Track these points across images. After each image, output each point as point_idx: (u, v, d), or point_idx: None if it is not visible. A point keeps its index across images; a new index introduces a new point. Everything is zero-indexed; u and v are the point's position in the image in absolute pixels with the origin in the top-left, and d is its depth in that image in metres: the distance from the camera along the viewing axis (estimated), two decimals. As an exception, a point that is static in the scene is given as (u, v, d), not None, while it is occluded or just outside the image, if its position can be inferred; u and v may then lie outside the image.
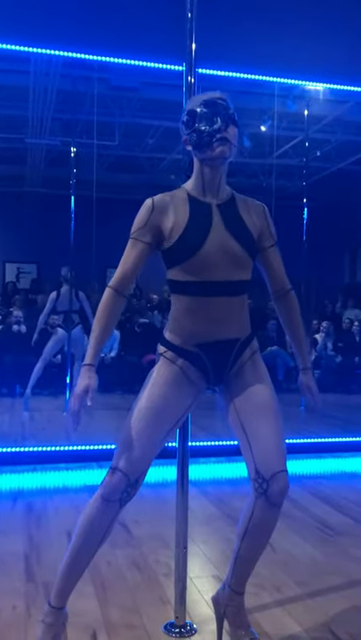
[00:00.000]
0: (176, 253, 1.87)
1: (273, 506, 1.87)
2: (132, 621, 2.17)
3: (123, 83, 6.30)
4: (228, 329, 1.91)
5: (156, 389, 1.88)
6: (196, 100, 1.92)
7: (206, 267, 1.85)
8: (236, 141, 1.90)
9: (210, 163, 1.89)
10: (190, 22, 2.18)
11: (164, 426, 1.88)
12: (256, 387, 1.94)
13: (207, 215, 1.89)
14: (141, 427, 1.84)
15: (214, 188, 1.92)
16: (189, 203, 1.91)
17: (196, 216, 1.88)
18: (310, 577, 2.56)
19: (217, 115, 1.86)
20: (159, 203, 1.90)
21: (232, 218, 1.92)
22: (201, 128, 1.86)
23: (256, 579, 2.52)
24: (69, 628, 2.11)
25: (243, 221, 1.93)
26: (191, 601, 2.29)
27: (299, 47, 4.53)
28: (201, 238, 1.85)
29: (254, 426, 1.89)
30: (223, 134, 1.85)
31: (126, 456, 1.82)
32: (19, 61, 5.12)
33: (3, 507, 3.41)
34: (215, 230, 1.87)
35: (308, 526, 3.16)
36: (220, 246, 1.86)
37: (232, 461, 4.51)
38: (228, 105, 1.90)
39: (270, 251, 2.02)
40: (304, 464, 4.55)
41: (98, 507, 1.83)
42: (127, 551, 2.78)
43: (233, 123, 1.89)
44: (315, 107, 6.39)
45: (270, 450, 1.86)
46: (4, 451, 4.33)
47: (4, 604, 2.28)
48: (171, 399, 1.88)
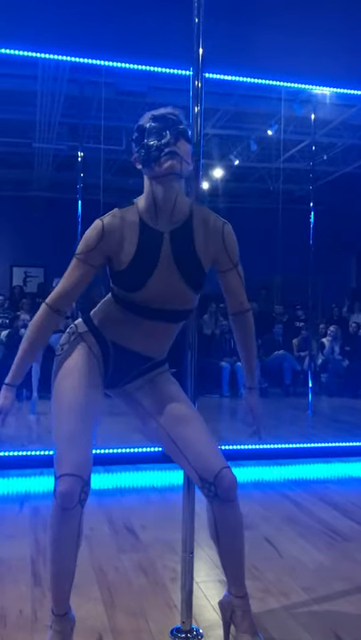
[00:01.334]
0: (120, 282, 1.82)
1: (228, 502, 1.86)
2: (139, 626, 2.17)
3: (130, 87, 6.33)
4: (148, 347, 1.90)
5: (79, 380, 1.83)
6: (145, 116, 1.84)
7: (147, 298, 1.81)
8: (188, 158, 1.79)
9: (160, 180, 1.77)
10: (197, 27, 2.18)
11: (93, 417, 1.85)
12: (170, 399, 1.92)
13: (156, 247, 1.80)
14: (76, 424, 1.78)
15: (167, 212, 1.81)
16: (140, 229, 1.80)
17: (145, 248, 1.79)
18: (317, 582, 2.55)
19: (166, 129, 1.77)
20: (109, 227, 1.80)
21: (183, 248, 1.82)
22: (149, 143, 1.76)
23: (262, 584, 2.51)
24: (76, 632, 2.10)
25: (194, 251, 1.83)
26: (197, 606, 2.28)
27: (305, 51, 4.53)
28: (146, 275, 1.79)
29: (182, 435, 1.87)
30: (172, 148, 1.75)
31: (73, 457, 1.75)
32: (26, 66, 5.15)
33: (9, 510, 3.41)
34: (162, 264, 1.80)
35: (315, 531, 3.14)
36: (164, 282, 1.80)
37: (238, 465, 4.49)
38: (179, 119, 1.81)
39: (229, 274, 1.93)
40: (311, 469, 4.53)
41: (61, 518, 1.77)
42: (134, 556, 2.78)
43: (184, 138, 1.79)
44: (321, 110, 6.39)
45: (205, 453, 1.85)
46: (11, 454, 4.34)
47: (11, 608, 2.28)
48: (93, 390, 1.85)
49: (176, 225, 1.83)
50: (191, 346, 2.18)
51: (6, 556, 2.75)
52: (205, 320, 8.83)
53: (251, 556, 2.79)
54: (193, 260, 1.83)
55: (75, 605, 2.27)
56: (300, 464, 4.60)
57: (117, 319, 1.87)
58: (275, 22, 4.44)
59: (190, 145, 1.82)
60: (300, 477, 4.33)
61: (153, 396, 1.94)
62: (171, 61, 4.45)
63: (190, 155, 1.81)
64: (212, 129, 8.43)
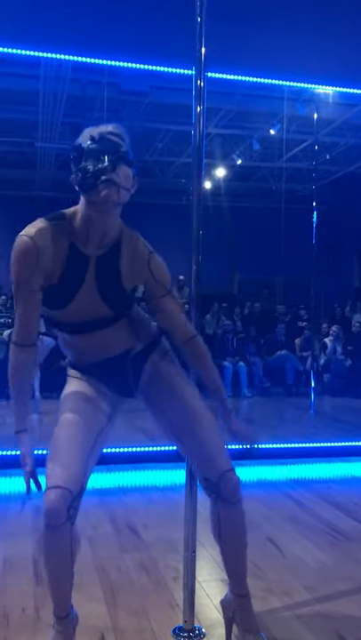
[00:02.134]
0: (45, 300, 1.76)
1: (232, 504, 1.85)
2: (141, 625, 2.17)
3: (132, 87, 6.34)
4: (113, 348, 1.86)
5: (70, 404, 1.83)
6: (85, 133, 1.72)
7: (69, 316, 1.78)
8: (128, 183, 1.69)
9: (96, 207, 1.68)
10: (200, 26, 2.18)
11: (90, 433, 1.78)
12: (180, 395, 1.88)
13: (82, 271, 1.74)
14: (68, 442, 1.73)
15: (99, 235, 1.74)
16: (69, 251, 1.73)
17: (72, 270, 1.73)
18: (320, 582, 2.55)
19: (105, 152, 1.65)
20: (42, 246, 1.70)
21: (107, 274, 1.77)
22: (87, 167, 1.65)
23: (265, 583, 2.51)
24: (78, 631, 2.11)
25: (118, 277, 1.78)
26: (200, 605, 2.28)
27: (308, 50, 4.52)
28: (71, 295, 1.74)
29: (190, 434, 1.84)
30: (109, 175, 1.64)
31: (59, 469, 1.68)
32: (29, 66, 5.16)
33: (12, 509, 3.42)
34: (85, 288, 1.75)
35: (318, 531, 3.14)
36: (86, 305, 1.76)
37: (240, 465, 4.48)
38: (120, 141, 1.70)
39: (163, 300, 1.87)
40: (314, 468, 4.53)
41: (50, 537, 1.69)
42: (136, 555, 2.78)
43: (125, 162, 1.67)
44: (324, 110, 6.40)
45: (211, 454, 1.83)
46: (13, 453, 4.34)
47: (14, 606, 2.28)
48: (87, 407, 1.82)
49: (104, 250, 1.77)
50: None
51: (8, 555, 2.75)
52: (207, 320, 8.83)
53: (253, 556, 2.79)
54: (116, 286, 1.79)
55: (77, 604, 2.27)
56: (303, 464, 4.60)
57: (72, 343, 1.87)
58: (277, 21, 4.43)
59: (131, 168, 1.71)
60: (302, 477, 4.32)
61: (163, 391, 1.90)
62: (173, 61, 4.45)
63: (130, 178, 1.71)
64: (214, 128, 8.44)
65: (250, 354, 8.55)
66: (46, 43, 4.33)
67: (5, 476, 4.09)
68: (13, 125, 8.39)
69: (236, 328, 8.89)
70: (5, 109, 7.69)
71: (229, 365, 8.15)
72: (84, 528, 3.06)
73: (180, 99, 6.33)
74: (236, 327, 8.93)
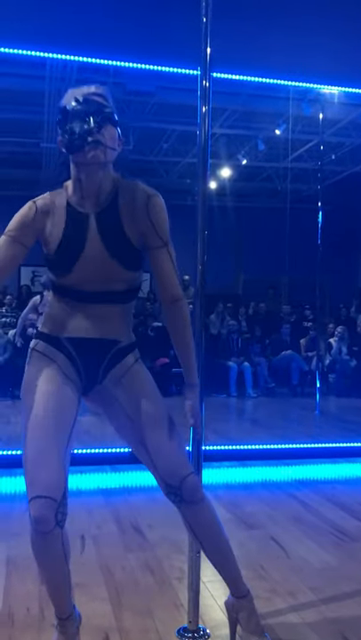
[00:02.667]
0: (51, 265, 1.77)
1: (195, 504, 1.82)
2: (146, 625, 2.17)
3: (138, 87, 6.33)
4: (104, 329, 1.78)
5: (39, 396, 1.72)
6: (69, 95, 1.73)
7: (80, 281, 1.75)
8: (115, 143, 1.73)
9: (84, 168, 1.71)
10: (205, 26, 2.18)
11: (64, 430, 1.72)
12: (146, 399, 1.82)
13: (83, 229, 1.74)
14: (43, 442, 1.68)
15: (93, 195, 1.75)
16: (67, 212, 1.76)
17: (72, 230, 1.74)
18: (324, 583, 2.55)
19: (90, 114, 1.67)
20: (42, 207, 1.77)
21: (110, 228, 1.75)
22: (73, 129, 1.67)
23: (269, 584, 2.51)
24: (82, 631, 2.11)
25: (122, 230, 1.76)
26: (204, 605, 2.28)
27: (314, 50, 4.51)
28: (74, 255, 1.73)
29: (153, 440, 1.80)
30: (96, 137, 1.67)
31: (41, 478, 1.65)
32: (34, 66, 5.17)
33: (16, 509, 3.42)
34: (90, 245, 1.74)
35: (323, 531, 3.13)
36: (94, 262, 1.73)
37: (245, 466, 4.49)
38: (104, 101, 1.71)
39: (157, 253, 1.80)
40: (319, 469, 4.52)
41: (41, 543, 1.69)
42: (140, 555, 2.78)
43: (110, 122, 1.70)
44: (329, 110, 6.38)
45: (173, 460, 1.80)
46: (18, 453, 4.35)
47: (18, 606, 2.29)
48: (57, 398, 1.73)
49: (102, 206, 1.77)
50: (198, 346, 2.18)
51: (13, 555, 2.76)
52: (212, 320, 8.83)
53: (257, 556, 2.79)
54: (122, 239, 1.76)
55: (81, 604, 2.27)
56: (308, 464, 4.59)
57: (65, 312, 1.79)
58: (283, 21, 4.43)
59: (116, 128, 1.73)
60: (307, 477, 4.31)
61: (130, 393, 1.83)
62: (178, 61, 4.45)
63: (116, 139, 1.74)
64: (219, 128, 8.43)
65: (255, 354, 8.54)
66: (52, 43, 4.33)
67: (10, 476, 4.10)
68: (19, 126, 8.40)
69: (240, 328, 8.89)
70: (11, 110, 7.70)
71: (234, 365, 8.14)
72: (89, 527, 3.07)
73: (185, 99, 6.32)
74: (240, 327, 8.92)
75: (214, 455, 4.49)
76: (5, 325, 8.14)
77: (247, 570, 2.64)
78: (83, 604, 2.28)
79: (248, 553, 2.84)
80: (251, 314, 9.81)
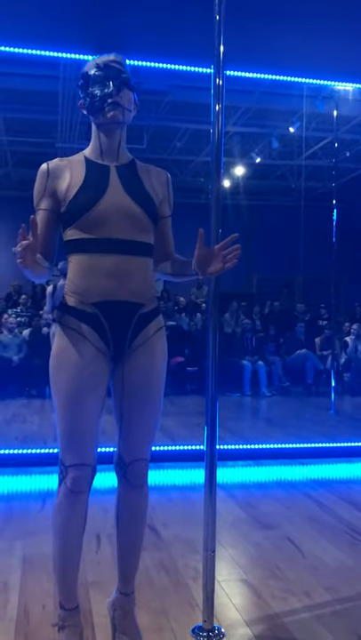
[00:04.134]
0: (70, 213, 1.81)
1: (133, 487, 1.92)
2: (160, 624, 2.17)
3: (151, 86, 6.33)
4: (128, 289, 1.81)
5: (70, 370, 1.78)
6: (91, 63, 1.90)
7: (101, 224, 1.79)
8: (131, 105, 1.88)
9: (104, 128, 1.88)
10: (218, 24, 2.17)
11: (98, 403, 1.81)
12: (148, 373, 1.87)
13: (104, 176, 1.85)
14: (77, 413, 1.77)
15: (113, 153, 1.89)
16: (86, 165, 1.87)
17: (93, 176, 1.83)
18: (340, 582, 2.53)
19: (109, 79, 1.84)
20: (54, 168, 1.86)
21: (131, 180, 1.87)
22: (94, 92, 1.84)
23: (284, 584, 2.50)
24: (97, 629, 2.12)
25: (142, 184, 1.89)
26: (219, 604, 2.27)
27: (327, 47, 4.48)
28: (96, 196, 1.79)
29: (129, 413, 1.87)
30: (115, 99, 1.83)
31: (80, 448, 1.79)
32: (48, 67, 5.18)
33: (32, 507, 3.44)
34: (112, 190, 1.82)
35: (338, 531, 3.12)
36: (116, 205, 1.80)
37: (260, 465, 4.48)
38: (122, 68, 1.87)
39: (166, 221, 1.99)
40: (334, 468, 4.50)
41: (71, 503, 1.81)
42: (155, 554, 2.78)
43: (127, 86, 1.86)
44: (344, 107, 6.34)
45: (138, 437, 1.89)
46: (34, 452, 4.38)
47: (34, 603, 2.30)
48: (90, 372, 1.79)
49: (121, 162, 1.91)
50: (212, 344, 2.18)
51: (29, 553, 2.78)
52: (226, 318, 8.81)
53: (273, 556, 2.79)
54: (141, 189, 1.88)
55: (97, 602, 2.29)
56: (323, 464, 4.57)
57: (85, 275, 1.80)
58: (296, 18, 4.40)
59: (133, 92, 1.89)
60: (322, 477, 4.29)
61: (135, 364, 1.86)
62: (192, 59, 4.44)
63: (133, 102, 1.89)
64: (233, 127, 8.41)
65: (269, 353, 8.51)
66: (65, 44, 4.35)
67: (26, 474, 4.12)
68: (34, 126, 8.45)
69: (255, 327, 8.86)
70: (26, 110, 7.75)
71: (248, 364, 8.12)
72: (104, 526, 3.07)
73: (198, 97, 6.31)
74: (255, 326, 8.89)
75: (229, 454, 4.49)
76: (20, 325, 8.18)
77: (263, 570, 2.64)
78: (98, 603, 2.29)
79: (264, 553, 2.83)
80: (265, 312, 9.78)
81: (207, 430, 2.17)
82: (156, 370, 1.89)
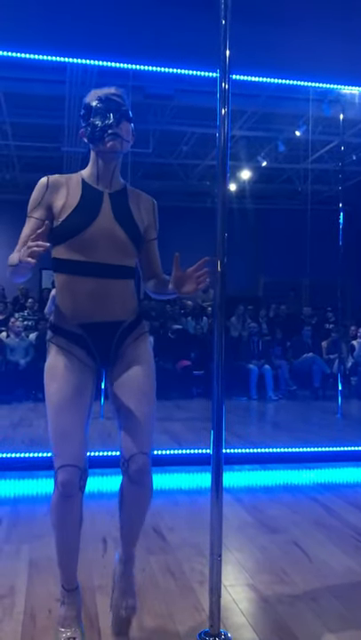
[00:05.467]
0: (62, 231, 1.95)
1: (134, 483, 2.00)
2: (166, 629, 2.16)
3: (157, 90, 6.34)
4: (110, 311, 1.99)
5: (60, 381, 1.96)
6: (93, 94, 2.04)
7: (88, 247, 1.95)
8: (129, 136, 2.03)
9: (103, 155, 2.02)
10: (224, 29, 2.18)
11: (83, 409, 1.98)
12: (134, 370, 2.02)
13: (97, 201, 2.00)
14: (66, 419, 1.94)
15: (107, 179, 2.04)
16: (82, 187, 2.01)
17: (87, 200, 1.99)
18: (346, 587, 2.52)
19: (110, 111, 1.99)
20: (53, 182, 2.00)
21: (121, 207, 2.02)
22: (95, 123, 1.98)
23: (291, 588, 2.49)
24: (103, 633, 2.11)
25: (130, 212, 2.04)
26: (225, 609, 2.27)
27: (333, 51, 4.49)
28: (88, 220, 1.95)
29: (126, 410, 2.00)
30: (115, 130, 1.98)
31: (68, 450, 1.93)
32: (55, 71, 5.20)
33: (39, 511, 3.44)
34: (103, 216, 1.98)
35: (345, 535, 3.10)
36: (105, 231, 1.96)
37: (267, 469, 4.47)
38: (122, 101, 2.02)
39: (151, 244, 2.14)
40: (341, 472, 4.48)
41: (64, 505, 1.97)
42: (161, 558, 2.78)
43: (126, 118, 2.01)
44: (350, 110, 6.32)
45: (134, 434, 1.99)
46: (41, 456, 4.38)
47: (40, 607, 2.30)
48: (76, 385, 1.96)
49: (114, 189, 2.06)
50: (218, 348, 2.18)
51: (35, 557, 2.78)
52: (233, 322, 8.80)
53: (279, 560, 2.78)
54: (129, 217, 2.04)
55: (104, 606, 2.28)
56: (330, 468, 4.55)
57: (70, 296, 1.98)
58: (301, 23, 4.41)
59: (131, 123, 2.04)
60: (329, 481, 4.28)
61: (122, 363, 2.03)
62: (197, 63, 4.45)
63: (130, 132, 2.04)
64: (239, 130, 8.41)
65: (276, 356, 8.49)
66: (72, 48, 4.37)
67: (32, 478, 4.13)
68: (40, 130, 8.47)
69: (261, 330, 8.85)
70: (33, 115, 7.77)
71: (255, 368, 8.10)
72: (110, 530, 3.07)
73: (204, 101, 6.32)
74: (261, 330, 8.88)
75: (235, 458, 4.48)
76: (27, 328, 8.20)
77: (269, 574, 2.63)
78: (104, 606, 2.28)
79: (270, 557, 2.82)
80: (272, 316, 9.76)
81: (213, 434, 2.17)
82: (142, 368, 2.03)
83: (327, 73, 4.73)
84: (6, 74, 5.23)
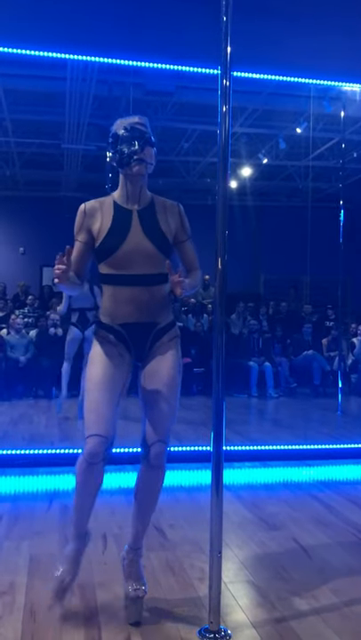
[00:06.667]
0: (101, 252, 2.28)
1: (151, 467, 2.26)
2: (167, 625, 2.17)
3: (158, 87, 6.33)
4: (145, 313, 2.28)
5: (99, 365, 2.26)
6: (119, 124, 2.32)
7: (124, 263, 2.26)
8: (152, 159, 2.30)
9: (130, 178, 2.30)
10: (225, 25, 2.17)
11: (116, 391, 2.25)
12: (163, 368, 2.29)
13: (127, 220, 2.29)
14: (100, 396, 2.21)
15: (135, 197, 2.33)
16: (114, 209, 2.32)
17: (118, 221, 2.29)
18: (346, 584, 2.52)
19: (135, 138, 2.26)
20: (90, 209, 2.32)
21: (149, 221, 2.30)
22: (122, 150, 2.26)
23: (291, 585, 2.50)
24: (103, 629, 2.12)
25: (158, 224, 2.31)
26: (225, 606, 2.27)
27: (334, 48, 4.47)
28: (120, 240, 2.26)
29: (150, 401, 2.27)
30: (140, 156, 2.26)
31: (98, 422, 2.18)
32: (56, 68, 5.20)
33: (39, 508, 3.45)
34: (133, 233, 2.27)
35: (344, 532, 3.11)
36: (136, 246, 2.26)
37: (267, 466, 4.47)
38: (145, 129, 2.31)
39: (184, 244, 2.39)
40: (341, 470, 4.48)
41: (87, 471, 2.21)
42: (162, 555, 2.78)
43: (149, 144, 2.29)
44: (351, 108, 6.30)
45: (155, 423, 2.24)
46: (41, 452, 4.39)
47: (40, 603, 2.30)
48: (112, 369, 2.26)
49: (142, 206, 2.34)
50: (218, 346, 2.18)
51: (35, 553, 2.78)
52: (233, 320, 8.80)
53: (279, 557, 2.78)
54: (157, 230, 2.30)
55: (104, 603, 2.29)
56: (330, 465, 4.56)
57: (113, 302, 2.30)
58: (303, 19, 4.39)
59: (153, 148, 2.30)
60: (329, 478, 4.28)
61: (152, 359, 2.31)
62: (199, 60, 4.44)
63: (153, 156, 2.30)
64: (240, 127, 8.39)
65: (276, 354, 8.48)
66: (72, 45, 4.36)
67: (32, 475, 4.13)
68: (41, 127, 8.45)
69: (261, 328, 8.83)
70: (33, 111, 7.75)
71: (255, 365, 8.10)
72: (111, 527, 3.08)
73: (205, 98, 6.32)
74: (261, 327, 8.87)
75: (236, 455, 4.48)
76: (28, 325, 8.20)
77: (269, 571, 2.64)
78: (105, 603, 2.29)
79: (269, 554, 2.83)
80: (272, 313, 9.75)
81: (214, 431, 2.17)
82: (169, 367, 2.29)
83: (328, 70, 4.72)
84: (6, 70, 5.23)
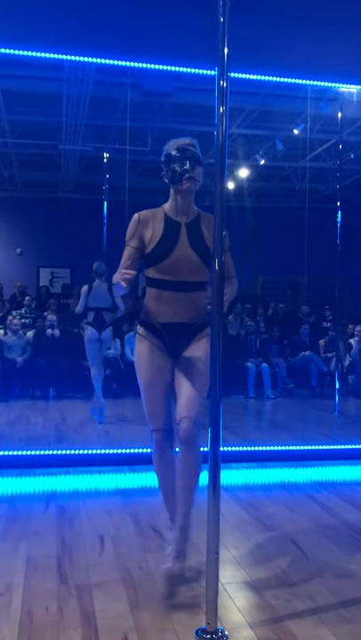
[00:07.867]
0: (151, 258, 2.54)
1: (183, 443, 2.44)
2: (164, 626, 2.17)
3: (155, 88, 6.34)
4: (183, 315, 2.55)
5: (144, 367, 2.58)
6: (172, 145, 2.57)
7: (170, 270, 2.52)
8: (200, 177, 2.55)
9: (181, 193, 2.56)
10: (222, 26, 2.17)
11: (165, 386, 2.57)
12: (194, 358, 2.53)
13: (176, 232, 2.55)
14: (152, 395, 2.57)
15: (184, 211, 2.58)
16: (165, 220, 2.57)
17: (168, 232, 2.54)
18: (343, 585, 2.52)
19: (186, 158, 2.51)
20: (143, 218, 2.57)
21: (195, 234, 2.56)
22: (175, 168, 2.52)
23: (288, 586, 2.49)
24: (101, 631, 2.11)
25: (203, 237, 2.56)
26: (222, 607, 2.27)
27: (331, 49, 4.48)
28: (169, 249, 2.52)
29: (181, 383, 2.52)
30: (190, 174, 2.51)
31: (155, 418, 2.59)
32: (53, 69, 5.20)
33: (36, 509, 3.44)
34: (180, 244, 2.53)
35: (342, 533, 3.11)
36: (182, 257, 2.52)
37: (264, 467, 4.47)
38: (195, 150, 2.55)
39: (225, 256, 2.44)
40: (338, 470, 4.49)
41: (159, 457, 2.62)
42: (159, 556, 2.78)
43: (198, 164, 2.54)
44: (348, 109, 6.32)
45: (185, 402, 2.46)
46: (38, 453, 4.38)
47: (37, 605, 2.30)
48: (158, 367, 2.56)
49: (190, 219, 2.60)
50: (216, 346, 2.18)
51: (32, 554, 2.78)
52: (230, 321, 8.80)
53: (276, 558, 2.78)
54: (202, 242, 2.55)
55: (100, 604, 2.29)
56: (327, 466, 4.56)
57: (157, 303, 2.56)
58: (300, 21, 4.40)
59: (201, 167, 2.54)
60: (326, 479, 4.28)
61: (187, 350, 2.55)
62: (196, 61, 4.44)
63: (201, 174, 2.56)
64: (237, 128, 8.40)
65: (273, 355, 8.49)
66: (69, 45, 4.35)
67: (29, 476, 4.13)
68: (38, 128, 8.45)
69: (259, 329, 8.84)
70: (29, 112, 7.74)
71: (252, 366, 8.11)
72: (108, 528, 3.08)
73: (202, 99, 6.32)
74: (259, 328, 8.87)
75: (233, 456, 4.48)
76: (25, 326, 8.19)
77: (266, 572, 2.64)
78: (102, 604, 2.29)
79: (267, 555, 2.83)
80: (269, 314, 9.76)
81: (211, 432, 2.17)
82: (200, 358, 2.52)
83: (325, 71, 4.73)
84: (4, 71, 5.22)
